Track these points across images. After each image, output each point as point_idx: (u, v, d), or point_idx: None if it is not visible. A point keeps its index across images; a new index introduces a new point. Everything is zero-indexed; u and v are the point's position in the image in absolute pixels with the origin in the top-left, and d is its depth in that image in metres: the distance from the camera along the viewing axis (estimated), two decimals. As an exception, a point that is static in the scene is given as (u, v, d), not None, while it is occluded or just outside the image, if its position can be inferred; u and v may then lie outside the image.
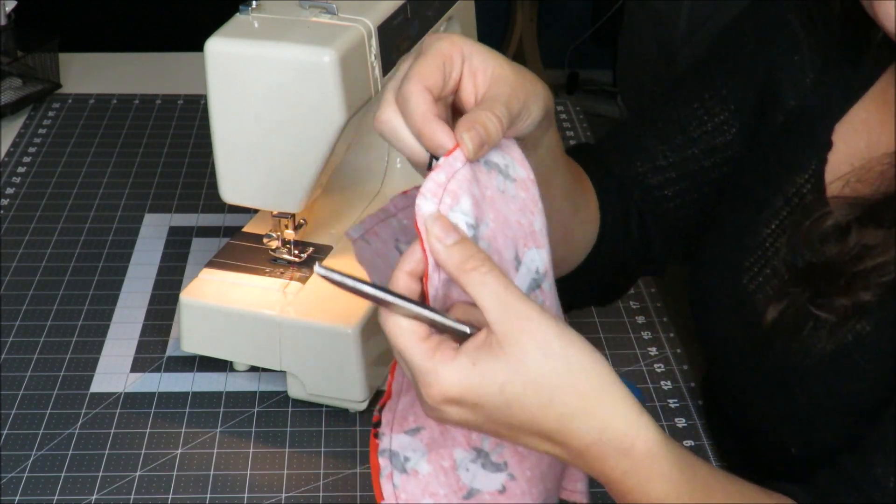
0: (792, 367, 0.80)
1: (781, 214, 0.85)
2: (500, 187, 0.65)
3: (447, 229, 0.60)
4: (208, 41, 0.87)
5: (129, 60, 1.65)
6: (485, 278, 0.59)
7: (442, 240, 0.60)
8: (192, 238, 1.22)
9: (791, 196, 0.85)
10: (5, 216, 1.25)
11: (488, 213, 0.64)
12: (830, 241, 0.78)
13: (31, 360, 1.02)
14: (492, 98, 0.65)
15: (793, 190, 0.85)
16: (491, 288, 0.59)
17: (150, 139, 1.43)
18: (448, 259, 0.60)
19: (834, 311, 0.77)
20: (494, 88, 0.65)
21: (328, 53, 0.85)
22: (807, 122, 0.86)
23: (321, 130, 0.88)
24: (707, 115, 0.93)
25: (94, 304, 1.11)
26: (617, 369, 1.04)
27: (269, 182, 0.92)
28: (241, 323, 0.97)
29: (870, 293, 0.76)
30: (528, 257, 0.66)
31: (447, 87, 0.65)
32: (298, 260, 1.03)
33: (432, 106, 0.63)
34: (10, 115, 1.46)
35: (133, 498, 0.88)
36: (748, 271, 0.85)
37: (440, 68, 0.64)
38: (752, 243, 0.86)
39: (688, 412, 0.99)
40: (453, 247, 0.60)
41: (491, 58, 0.66)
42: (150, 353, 1.04)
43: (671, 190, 0.94)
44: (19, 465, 0.91)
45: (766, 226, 0.86)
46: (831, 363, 0.78)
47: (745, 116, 0.92)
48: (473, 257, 0.59)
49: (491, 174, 0.65)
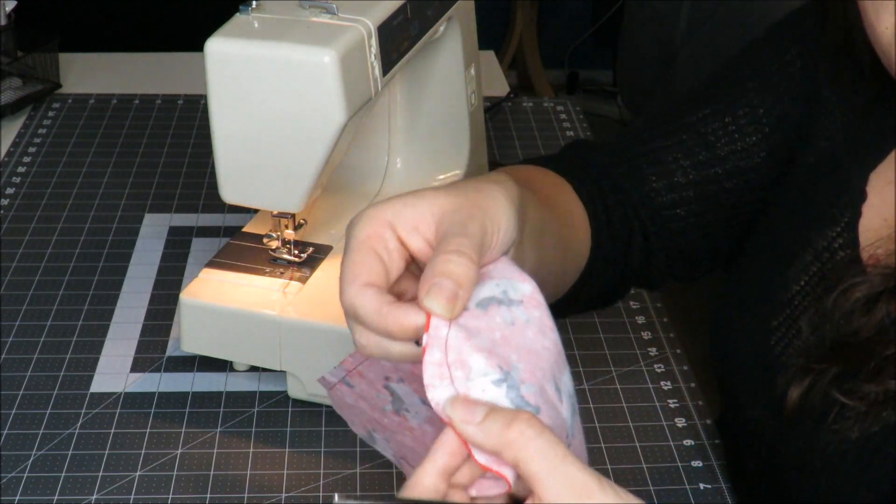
0: (815, 451, 0.76)
1: (811, 270, 0.80)
2: (507, 320, 0.57)
3: (469, 408, 0.52)
4: (208, 41, 0.87)
5: (129, 60, 1.65)
6: (533, 444, 0.51)
7: (470, 421, 0.52)
8: (192, 238, 1.22)
9: (822, 251, 0.80)
10: (5, 216, 1.25)
11: (510, 355, 0.55)
12: (857, 315, 0.74)
13: (31, 360, 1.02)
14: (445, 236, 0.56)
15: (824, 244, 0.80)
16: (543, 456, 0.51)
17: (150, 139, 1.43)
18: (487, 437, 0.52)
19: (862, 398, 0.72)
20: (444, 226, 0.57)
21: (328, 53, 0.85)
22: (839, 169, 0.81)
23: (321, 130, 0.88)
24: (739, 132, 0.87)
25: (94, 304, 1.11)
26: (617, 369, 1.04)
27: (269, 182, 0.92)
28: (241, 323, 0.97)
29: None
30: (565, 382, 0.58)
31: (392, 268, 0.58)
32: (298, 260, 1.03)
33: (381, 297, 0.55)
34: (10, 115, 1.46)
35: (133, 498, 0.88)
36: (776, 332, 0.80)
37: (372, 255, 0.57)
38: (781, 300, 0.81)
39: (687, 412, 0.99)
40: (484, 423, 0.52)
41: (422, 201, 0.58)
42: (150, 353, 1.04)
43: (684, 210, 0.89)
44: (19, 465, 0.90)
45: (795, 282, 0.80)
46: (857, 452, 0.73)
47: (776, 142, 0.86)
48: (516, 420, 0.51)
49: (490, 312, 0.57)
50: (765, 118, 0.86)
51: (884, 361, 0.71)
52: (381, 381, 0.62)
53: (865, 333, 0.73)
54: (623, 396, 1.01)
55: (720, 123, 0.87)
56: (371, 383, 0.62)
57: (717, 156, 0.87)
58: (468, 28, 1.14)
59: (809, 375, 0.75)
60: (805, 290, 0.80)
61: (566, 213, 0.83)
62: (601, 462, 0.93)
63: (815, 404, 0.75)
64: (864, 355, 0.73)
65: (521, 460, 0.51)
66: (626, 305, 1.13)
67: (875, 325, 0.73)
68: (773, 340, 0.80)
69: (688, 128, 0.89)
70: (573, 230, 0.84)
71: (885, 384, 0.71)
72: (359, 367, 0.61)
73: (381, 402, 0.62)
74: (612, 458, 0.93)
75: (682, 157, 0.88)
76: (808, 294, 0.79)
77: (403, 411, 0.63)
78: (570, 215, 0.85)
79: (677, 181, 0.88)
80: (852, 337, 0.74)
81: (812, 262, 0.80)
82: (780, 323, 0.81)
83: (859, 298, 0.74)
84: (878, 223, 0.78)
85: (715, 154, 0.87)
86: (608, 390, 1.02)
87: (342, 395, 0.63)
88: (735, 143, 0.87)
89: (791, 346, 0.79)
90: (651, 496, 0.90)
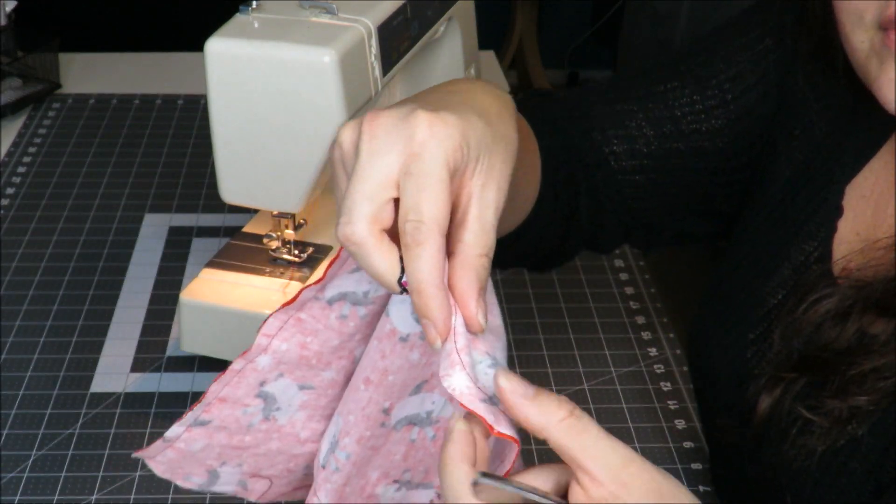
0: (782, 465, 0.76)
1: (789, 284, 0.80)
2: None
3: (524, 383, 0.54)
4: (208, 41, 0.87)
5: (129, 60, 1.65)
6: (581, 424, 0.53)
7: (525, 395, 0.54)
8: (192, 238, 1.22)
9: (799, 265, 0.79)
10: (5, 216, 1.25)
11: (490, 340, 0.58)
12: (827, 326, 0.74)
13: (31, 360, 1.02)
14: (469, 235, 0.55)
15: (801, 258, 0.79)
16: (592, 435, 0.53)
17: (150, 139, 1.43)
18: (538, 415, 0.53)
19: (826, 414, 0.72)
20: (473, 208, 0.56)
21: (328, 53, 0.85)
22: (817, 182, 0.81)
23: (321, 130, 0.88)
24: (705, 114, 0.86)
25: (94, 304, 1.11)
26: (617, 369, 1.04)
27: (269, 182, 0.92)
28: (241, 323, 0.97)
29: (866, 398, 0.70)
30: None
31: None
32: (298, 260, 1.03)
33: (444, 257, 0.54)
34: (10, 115, 1.46)
35: (133, 498, 0.88)
36: (752, 345, 0.80)
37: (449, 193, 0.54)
38: (759, 314, 0.81)
39: (687, 414, 0.99)
40: (538, 397, 0.54)
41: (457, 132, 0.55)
42: (150, 353, 1.04)
43: (643, 177, 0.88)
44: (19, 465, 0.91)
45: (773, 296, 0.80)
46: (823, 466, 0.73)
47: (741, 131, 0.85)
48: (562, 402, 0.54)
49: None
50: (732, 104, 0.86)
51: (849, 379, 0.71)
52: (254, 390, 0.63)
53: (836, 346, 0.73)
54: (623, 397, 1.01)
55: (688, 100, 0.86)
56: (237, 402, 0.63)
57: (681, 132, 0.86)
58: (468, 28, 1.14)
59: (779, 386, 0.75)
60: (782, 305, 0.79)
61: (528, 161, 0.82)
62: (601, 462, 0.93)
63: (783, 417, 0.75)
64: (830, 370, 0.72)
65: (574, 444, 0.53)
66: (626, 305, 1.13)
67: (846, 339, 0.72)
68: (749, 353, 0.80)
69: (655, 97, 0.87)
70: (526, 177, 0.82)
71: (848, 401, 0.71)
72: (223, 390, 0.63)
73: (248, 419, 0.64)
74: (612, 459, 0.93)
75: (646, 125, 0.87)
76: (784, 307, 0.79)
77: (273, 413, 0.65)
78: (531, 163, 0.83)
79: (639, 148, 0.87)
80: (822, 349, 0.74)
81: (790, 277, 0.80)
82: (757, 336, 0.80)
83: (829, 310, 0.74)
84: (852, 237, 0.78)
85: (679, 129, 0.86)
86: (608, 391, 1.02)
87: (188, 444, 0.63)
88: (700, 123, 0.86)
89: (765, 359, 0.79)
90: (651, 496, 0.90)
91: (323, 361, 0.63)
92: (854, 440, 0.71)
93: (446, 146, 0.54)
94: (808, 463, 0.73)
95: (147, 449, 0.64)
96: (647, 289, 1.16)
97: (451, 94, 0.61)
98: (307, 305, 0.61)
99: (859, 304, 0.73)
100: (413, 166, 0.53)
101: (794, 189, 0.82)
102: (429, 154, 0.53)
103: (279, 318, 0.61)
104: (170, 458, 0.64)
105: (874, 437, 0.71)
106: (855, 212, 0.78)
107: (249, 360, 0.62)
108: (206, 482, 0.67)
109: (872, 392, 0.70)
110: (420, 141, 0.53)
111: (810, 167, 0.82)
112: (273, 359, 0.62)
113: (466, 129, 0.55)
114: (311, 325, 0.61)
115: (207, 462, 0.65)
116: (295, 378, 0.63)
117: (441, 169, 0.53)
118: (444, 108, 0.56)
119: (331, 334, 0.62)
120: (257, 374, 0.63)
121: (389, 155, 0.54)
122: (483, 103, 0.60)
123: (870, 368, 0.70)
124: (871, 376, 0.70)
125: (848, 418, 0.71)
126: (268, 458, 0.67)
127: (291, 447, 0.67)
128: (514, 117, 0.63)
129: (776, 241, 0.82)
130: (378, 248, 0.54)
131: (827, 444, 0.72)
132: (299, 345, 0.62)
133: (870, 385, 0.70)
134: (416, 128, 0.54)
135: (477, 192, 0.56)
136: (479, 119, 0.57)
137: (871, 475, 0.71)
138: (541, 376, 1.03)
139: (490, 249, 0.56)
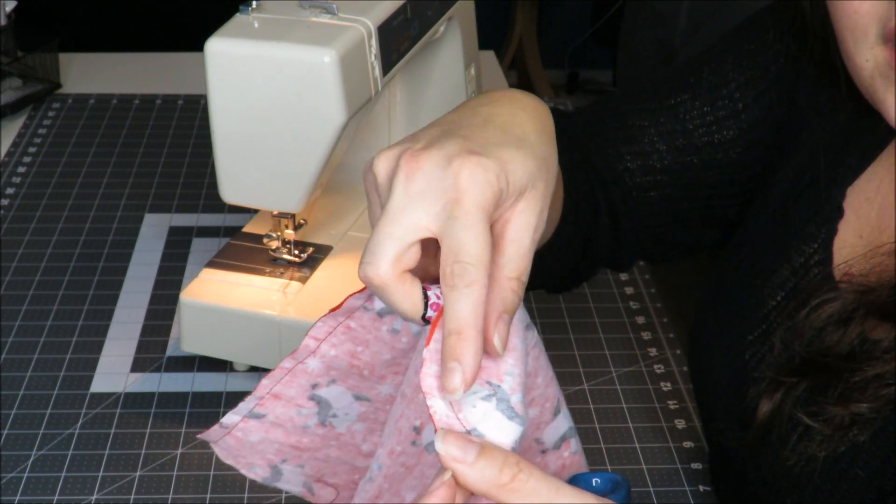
0: (782, 469, 0.75)
1: (788, 286, 0.79)
2: None
3: (463, 444, 0.51)
4: (208, 41, 0.87)
5: (129, 60, 1.65)
6: (526, 486, 0.51)
7: (462, 460, 0.51)
8: (192, 238, 1.22)
9: (798, 267, 0.79)
10: (5, 216, 1.25)
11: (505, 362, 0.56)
12: (829, 330, 0.73)
13: (31, 360, 1.02)
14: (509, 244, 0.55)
15: (801, 260, 0.79)
16: (537, 494, 0.51)
17: (150, 139, 1.43)
18: (479, 481, 0.51)
19: (827, 421, 0.71)
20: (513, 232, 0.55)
21: (328, 53, 0.85)
22: (818, 184, 0.80)
23: (321, 130, 0.88)
24: (716, 125, 0.86)
25: (94, 304, 1.11)
26: (617, 369, 1.04)
27: (269, 182, 0.92)
28: (241, 323, 0.97)
29: (868, 405, 0.69)
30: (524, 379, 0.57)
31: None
32: (298, 260, 1.03)
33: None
34: (10, 115, 1.46)
35: (133, 498, 0.88)
36: (751, 347, 0.80)
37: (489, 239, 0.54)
38: (758, 316, 0.80)
39: (687, 414, 0.99)
40: (477, 463, 0.51)
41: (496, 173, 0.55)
42: (150, 353, 1.04)
43: (658, 193, 0.88)
44: (19, 465, 0.91)
45: (772, 297, 0.80)
46: (824, 472, 0.72)
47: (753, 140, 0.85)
48: (506, 465, 0.51)
49: None
50: (744, 114, 0.85)
51: (851, 386, 0.71)
52: (306, 392, 0.62)
53: (837, 351, 0.72)
54: (623, 397, 1.01)
55: (699, 112, 0.86)
56: (290, 401, 0.62)
57: (694, 145, 0.86)
58: (468, 28, 1.14)
59: (780, 390, 0.75)
60: (781, 306, 0.79)
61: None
62: (601, 462, 0.93)
63: (783, 422, 0.74)
64: (831, 374, 0.72)
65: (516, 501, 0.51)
66: (626, 305, 1.13)
67: (848, 344, 0.72)
68: (748, 355, 0.80)
69: (667, 110, 0.87)
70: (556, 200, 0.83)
71: (850, 408, 0.70)
72: (276, 386, 0.61)
73: (303, 420, 0.63)
74: (612, 459, 0.93)
75: (658, 140, 0.87)
76: (784, 310, 0.78)
77: (330, 419, 0.63)
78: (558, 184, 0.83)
79: (652, 164, 0.87)
80: (823, 354, 0.73)
81: (789, 279, 0.79)
82: (756, 338, 0.80)
83: (831, 315, 0.73)
84: (854, 239, 0.77)
85: (692, 142, 0.86)
86: (608, 391, 1.02)
87: (245, 434, 0.63)
88: (712, 135, 0.86)
89: (764, 361, 0.78)
90: (651, 497, 0.90)
91: (376, 374, 0.62)
92: (855, 447, 0.71)
93: (487, 193, 0.54)
94: (809, 469, 0.73)
95: (207, 432, 0.63)
96: (647, 289, 1.16)
97: (491, 118, 0.60)
98: (356, 314, 0.60)
99: (861, 310, 0.72)
100: (455, 210, 0.53)
101: (796, 190, 0.82)
102: (469, 199, 0.53)
103: (327, 324, 0.60)
104: (230, 445, 0.63)
105: (876, 443, 0.70)
106: (858, 214, 0.78)
107: (299, 361, 0.61)
108: (269, 477, 0.66)
109: (874, 399, 0.70)
110: (462, 189, 0.53)
111: (813, 169, 0.81)
112: (322, 364, 0.61)
113: (507, 170, 0.55)
114: (362, 334, 0.60)
115: (268, 456, 0.64)
116: (349, 387, 0.62)
117: (482, 212, 0.53)
118: (485, 142, 0.56)
119: (382, 347, 0.61)
120: (308, 377, 0.61)
121: (426, 201, 0.54)
122: (523, 126, 0.60)
123: (872, 375, 0.70)
124: (873, 383, 0.70)
125: (849, 425, 0.71)
126: (329, 464, 0.66)
127: (353, 458, 0.66)
128: (553, 134, 0.62)
129: (776, 242, 0.82)
130: (400, 288, 0.54)
131: (828, 450, 0.72)
132: (349, 353, 0.61)
133: (872, 392, 0.70)
134: (459, 176, 0.53)
135: (515, 217, 0.56)
136: (519, 150, 0.57)
137: (872, 482, 0.71)
138: (541, 376, 1.03)
139: (523, 273, 0.55)
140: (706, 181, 0.88)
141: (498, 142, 0.56)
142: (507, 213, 0.56)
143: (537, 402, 0.62)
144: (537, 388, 0.61)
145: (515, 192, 0.56)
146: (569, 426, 0.63)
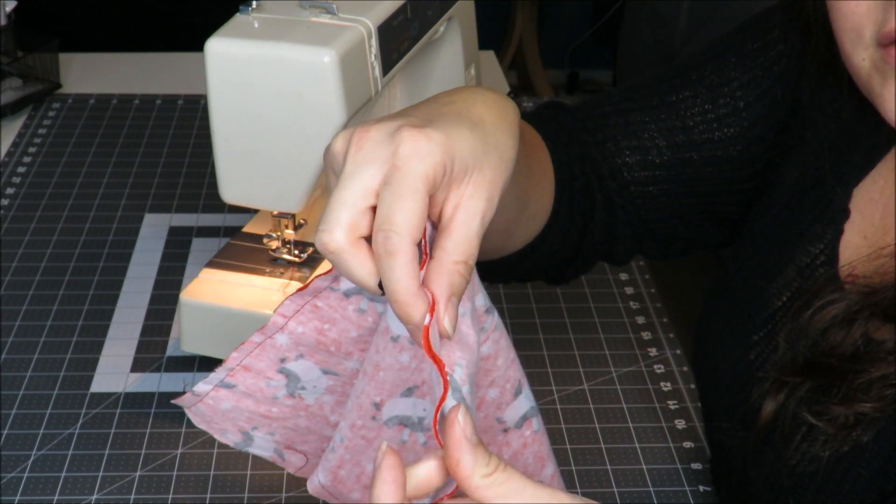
0: (785, 469, 0.75)
1: (793, 286, 0.79)
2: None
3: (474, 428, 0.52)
4: (208, 41, 0.87)
5: (129, 60, 1.65)
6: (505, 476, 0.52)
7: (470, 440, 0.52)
8: (192, 238, 1.22)
9: (804, 267, 0.79)
10: (5, 216, 1.25)
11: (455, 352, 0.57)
12: (833, 331, 0.73)
13: (31, 360, 1.02)
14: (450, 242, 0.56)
15: (807, 261, 0.79)
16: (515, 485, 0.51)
17: (150, 139, 1.43)
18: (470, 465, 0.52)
19: (831, 421, 0.71)
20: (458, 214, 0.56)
21: (328, 53, 0.85)
22: (824, 184, 0.80)
23: (321, 130, 0.88)
24: (717, 122, 0.86)
25: (94, 304, 1.11)
26: (617, 369, 1.04)
27: (269, 182, 0.92)
28: (241, 323, 0.97)
29: (871, 405, 0.70)
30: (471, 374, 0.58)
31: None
32: (298, 260, 1.03)
33: (417, 265, 0.54)
34: (10, 115, 1.46)
35: (133, 498, 0.88)
36: (756, 346, 0.80)
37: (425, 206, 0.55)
38: (763, 316, 0.80)
39: (687, 414, 0.99)
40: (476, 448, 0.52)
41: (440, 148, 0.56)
42: (150, 353, 1.04)
43: (657, 189, 0.88)
44: (19, 465, 0.91)
45: (777, 298, 0.80)
46: (827, 472, 0.73)
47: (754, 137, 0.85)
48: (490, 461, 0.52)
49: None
50: (745, 111, 0.85)
51: (856, 386, 0.71)
52: (275, 365, 0.64)
53: (842, 351, 0.73)
54: (623, 397, 1.01)
55: (700, 109, 0.86)
56: (260, 373, 0.64)
57: (694, 141, 0.86)
58: (468, 28, 1.14)
59: (784, 390, 0.75)
60: (786, 307, 0.79)
61: (539, 172, 0.83)
62: (600, 462, 0.93)
63: (787, 422, 0.75)
64: (836, 375, 0.72)
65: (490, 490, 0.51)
66: (625, 305, 1.13)
67: (852, 344, 0.72)
68: (752, 355, 0.80)
69: (668, 107, 0.87)
70: (539, 191, 0.83)
71: (854, 408, 0.71)
72: (245, 359, 0.64)
73: (272, 391, 0.65)
74: (612, 459, 0.93)
75: (658, 135, 0.87)
76: (789, 310, 0.78)
77: (299, 391, 0.66)
78: (541, 172, 0.84)
79: (651, 160, 0.87)
80: (828, 354, 0.73)
81: (794, 279, 0.79)
82: (761, 338, 0.80)
83: (836, 315, 0.73)
84: (859, 240, 0.77)
85: (692, 139, 0.86)
86: (608, 391, 1.02)
87: (217, 402, 0.65)
88: (713, 132, 0.86)
89: (768, 361, 0.78)
90: (651, 497, 0.90)
91: (343, 350, 0.64)
92: (859, 447, 0.71)
93: (427, 162, 0.55)
94: (812, 468, 0.73)
95: (181, 398, 0.65)
96: (647, 289, 1.16)
97: (448, 104, 0.61)
98: (323, 294, 0.62)
99: (865, 311, 0.72)
100: (392, 178, 0.54)
101: (802, 191, 0.82)
102: (408, 167, 0.54)
103: (295, 302, 0.62)
104: (202, 412, 0.66)
105: (879, 443, 0.70)
106: (863, 214, 0.78)
107: (267, 336, 0.63)
108: (241, 442, 0.68)
109: (878, 399, 0.70)
110: (403, 155, 0.55)
111: (819, 169, 0.81)
112: (290, 339, 0.63)
113: (452, 145, 0.56)
114: (329, 313, 0.62)
115: (239, 423, 0.67)
116: (316, 361, 0.64)
117: (418, 182, 0.54)
118: (436, 121, 0.57)
119: (348, 325, 0.62)
120: (276, 351, 0.64)
121: (372, 166, 0.55)
122: (479, 113, 0.61)
123: (876, 376, 0.70)
124: (877, 384, 0.70)
125: (853, 425, 0.71)
126: (298, 433, 0.68)
127: (322, 428, 0.68)
128: (514, 125, 0.63)
129: (782, 242, 0.82)
130: (355, 255, 0.55)
131: (831, 450, 0.72)
132: (316, 330, 0.63)
133: (876, 392, 0.70)
134: (401, 143, 0.55)
135: (464, 201, 0.57)
136: (471, 131, 0.58)
137: (875, 482, 0.71)
138: (541, 376, 1.03)
139: (470, 257, 0.56)
140: (706, 178, 0.88)
141: (449, 122, 0.58)
142: (456, 198, 0.57)
143: (498, 383, 0.63)
144: (498, 369, 0.63)
145: (462, 169, 0.57)
146: (530, 405, 0.65)
